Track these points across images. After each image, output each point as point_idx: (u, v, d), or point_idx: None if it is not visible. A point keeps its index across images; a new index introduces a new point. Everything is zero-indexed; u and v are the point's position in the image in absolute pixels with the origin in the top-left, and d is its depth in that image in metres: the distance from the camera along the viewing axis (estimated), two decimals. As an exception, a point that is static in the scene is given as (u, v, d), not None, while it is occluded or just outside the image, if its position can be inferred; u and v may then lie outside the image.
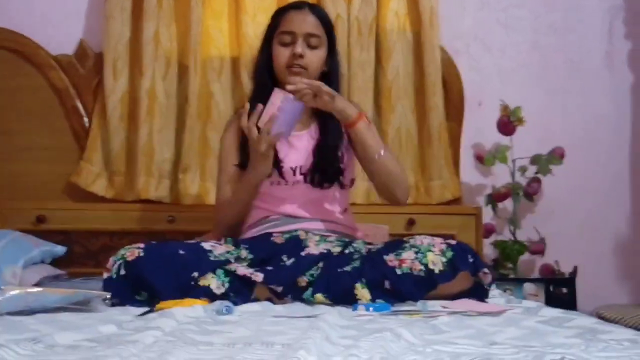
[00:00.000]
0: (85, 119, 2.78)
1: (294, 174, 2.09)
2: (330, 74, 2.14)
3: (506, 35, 2.94)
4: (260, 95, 2.03)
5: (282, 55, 2.09)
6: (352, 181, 2.24)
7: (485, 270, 1.83)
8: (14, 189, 2.74)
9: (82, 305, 1.66)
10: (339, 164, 2.11)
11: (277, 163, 2.08)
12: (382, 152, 2.04)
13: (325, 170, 2.09)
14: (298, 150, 2.11)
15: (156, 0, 2.72)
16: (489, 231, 2.79)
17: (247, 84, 2.64)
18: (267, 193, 2.10)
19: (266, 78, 2.12)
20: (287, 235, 2.02)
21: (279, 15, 2.15)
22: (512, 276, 2.71)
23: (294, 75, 2.06)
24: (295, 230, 2.03)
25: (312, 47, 2.09)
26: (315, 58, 2.09)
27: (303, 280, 1.83)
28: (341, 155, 2.12)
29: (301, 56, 2.06)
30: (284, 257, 1.92)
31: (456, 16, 2.91)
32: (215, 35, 2.77)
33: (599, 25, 2.96)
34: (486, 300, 1.84)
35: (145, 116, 2.70)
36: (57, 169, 2.75)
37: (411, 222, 2.68)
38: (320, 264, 1.87)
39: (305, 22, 2.09)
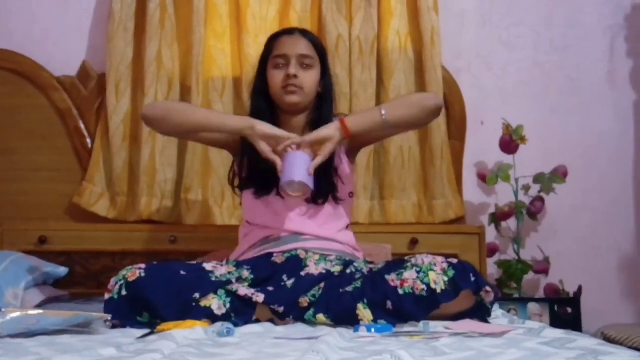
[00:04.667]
0: (88, 140, 2.79)
1: None
2: (324, 96, 2.17)
3: (507, 54, 2.95)
4: (257, 119, 2.06)
5: (276, 77, 2.12)
6: (351, 194, 2.22)
7: (488, 288, 1.81)
8: (15, 209, 2.75)
9: (82, 327, 1.65)
10: (332, 178, 2.11)
11: (275, 182, 2.08)
12: (383, 113, 2.00)
13: (318, 185, 2.08)
14: None
15: (158, 20, 2.73)
16: (492, 251, 2.78)
17: (248, 105, 2.64)
18: (265, 211, 2.10)
19: (262, 102, 2.16)
20: (287, 255, 2.01)
21: (271, 42, 2.19)
22: (516, 296, 2.69)
23: (289, 95, 2.10)
24: (295, 250, 2.02)
25: (305, 68, 2.12)
26: (309, 78, 2.13)
27: (304, 301, 1.83)
28: (335, 168, 2.12)
29: (295, 76, 2.10)
30: (284, 277, 1.92)
31: (457, 35, 2.92)
32: (218, 56, 2.78)
33: (600, 43, 2.96)
34: (489, 319, 1.83)
35: (147, 137, 2.70)
36: (59, 189, 2.76)
37: (414, 242, 2.67)
38: (322, 284, 1.87)
39: (298, 45, 2.14)
